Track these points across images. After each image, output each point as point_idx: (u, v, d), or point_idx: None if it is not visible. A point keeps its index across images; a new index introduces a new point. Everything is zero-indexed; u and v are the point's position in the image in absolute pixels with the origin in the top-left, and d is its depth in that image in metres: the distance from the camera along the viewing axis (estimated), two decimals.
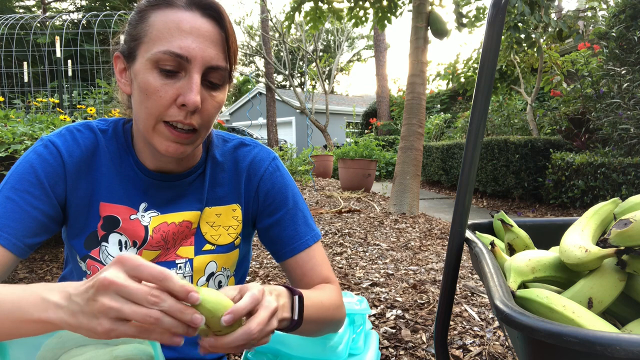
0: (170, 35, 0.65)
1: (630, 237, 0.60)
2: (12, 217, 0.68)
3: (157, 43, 0.66)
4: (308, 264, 0.82)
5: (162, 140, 0.69)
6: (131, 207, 0.77)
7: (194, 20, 0.66)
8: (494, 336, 1.62)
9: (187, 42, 0.65)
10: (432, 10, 4.44)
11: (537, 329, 0.48)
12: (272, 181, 0.85)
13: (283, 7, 23.18)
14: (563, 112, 5.57)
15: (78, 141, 0.76)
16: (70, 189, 0.74)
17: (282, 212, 0.84)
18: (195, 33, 0.66)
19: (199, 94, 0.66)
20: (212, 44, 0.67)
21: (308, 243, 0.83)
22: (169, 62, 0.66)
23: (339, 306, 0.80)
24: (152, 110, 0.67)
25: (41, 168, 0.72)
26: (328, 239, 3.25)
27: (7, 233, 0.67)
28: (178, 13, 0.66)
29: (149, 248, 0.77)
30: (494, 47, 0.80)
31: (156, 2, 0.68)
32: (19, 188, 0.70)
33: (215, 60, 0.67)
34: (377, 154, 7.67)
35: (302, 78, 24.24)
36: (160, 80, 0.66)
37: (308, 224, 0.85)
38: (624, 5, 4.54)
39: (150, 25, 0.67)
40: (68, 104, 4.81)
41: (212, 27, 0.67)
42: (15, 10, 11.54)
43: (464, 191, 0.87)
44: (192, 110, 0.67)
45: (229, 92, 0.76)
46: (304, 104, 11.76)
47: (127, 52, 0.71)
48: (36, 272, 2.40)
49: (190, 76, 0.66)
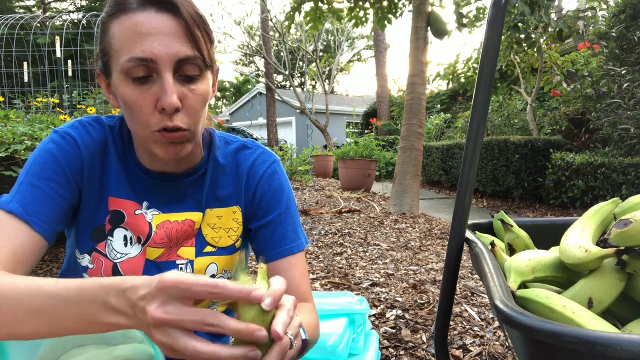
0: (130, 41, 0.64)
1: (630, 237, 0.60)
2: (41, 204, 0.68)
3: (121, 53, 0.65)
4: (288, 272, 0.81)
5: (159, 146, 0.69)
6: (136, 202, 0.78)
7: (149, 20, 0.65)
8: (494, 336, 1.62)
9: (148, 44, 0.63)
10: (432, 11, 4.44)
11: (537, 329, 0.48)
12: (268, 184, 0.85)
13: (283, 7, 23.19)
14: (563, 112, 5.57)
15: (91, 134, 0.76)
16: (86, 181, 0.75)
17: (273, 216, 0.84)
18: (153, 32, 0.64)
19: (174, 93, 0.65)
20: (175, 37, 0.65)
21: (292, 250, 0.83)
22: (137, 70, 0.64)
23: (316, 327, 0.78)
24: (140, 121, 0.67)
25: (62, 157, 0.72)
26: (328, 239, 3.25)
27: (39, 219, 0.67)
28: (133, 17, 0.65)
29: (153, 245, 0.77)
30: (494, 47, 0.80)
31: (112, 11, 0.67)
32: (43, 176, 0.70)
33: (182, 53, 0.65)
34: (377, 154, 7.67)
35: (302, 78, 24.25)
36: (135, 89, 0.65)
37: (296, 231, 0.85)
38: (624, 5, 4.54)
39: (112, 37, 0.66)
40: (68, 104, 4.81)
41: (170, 21, 0.65)
42: (15, 10, 11.54)
43: (464, 191, 0.87)
44: (172, 112, 0.66)
45: (229, 92, 0.76)
46: (304, 104, 11.76)
47: (103, 68, 0.71)
48: (36, 272, 2.40)
49: (162, 77, 0.65)
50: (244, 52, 19.97)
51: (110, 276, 0.75)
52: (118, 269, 0.76)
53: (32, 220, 0.66)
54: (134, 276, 0.51)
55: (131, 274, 0.76)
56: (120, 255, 0.76)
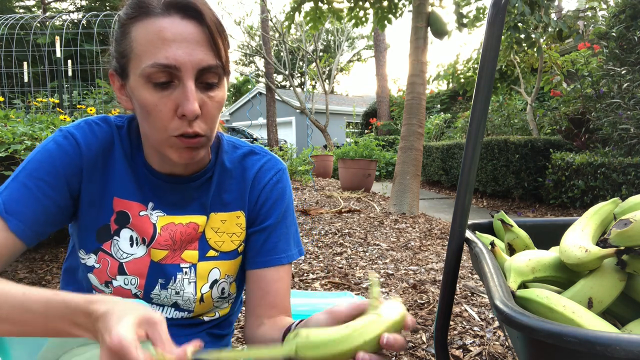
0: (154, 47, 0.64)
1: (630, 237, 0.60)
2: (25, 203, 0.68)
3: (144, 58, 0.65)
4: (275, 283, 0.81)
5: (174, 150, 0.69)
6: (141, 204, 0.78)
7: (174, 26, 0.64)
8: (494, 336, 1.62)
9: (172, 51, 0.63)
10: (432, 11, 4.44)
11: (537, 329, 0.48)
12: (271, 191, 0.85)
13: (283, 7, 23.18)
14: (563, 112, 5.58)
15: (96, 134, 0.76)
16: (86, 182, 0.75)
17: (268, 223, 0.84)
18: (178, 39, 0.64)
19: (195, 100, 0.65)
20: (198, 45, 0.65)
21: (281, 261, 0.83)
22: (159, 75, 0.64)
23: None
24: (157, 125, 0.67)
25: (59, 158, 0.72)
26: (328, 239, 3.25)
27: (17, 219, 0.67)
28: (157, 22, 0.64)
29: (157, 247, 0.77)
30: (494, 47, 0.80)
31: (134, 14, 0.66)
32: (35, 176, 0.70)
33: (205, 61, 0.65)
34: (377, 154, 7.67)
35: (302, 78, 24.25)
36: (156, 94, 0.65)
37: (288, 242, 0.85)
38: (624, 5, 4.54)
39: (134, 40, 0.66)
40: (68, 104, 4.81)
41: (194, 28, 0.65)
42: (15, 10, 11.54)
43: (464, 191, 0.87)
44: (192, 119, 0.66)
45: (229, 92, 0.76)
46: (304, 104, 11.76)
47: (119, 69, 0.70)
48: (36, 272, 2.40)
49: (184, 84, 0.65)
50: (244, 52, 19.98)
51: (115, 275, 0.75)
52: (124, 269, 0.76)
53: (10, 219, 0.67)
54: (96, 299, 0.53)
55: (137, 274, 0.76)
56: (127, 255, 0.76)
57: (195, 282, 0.79)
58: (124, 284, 0.76)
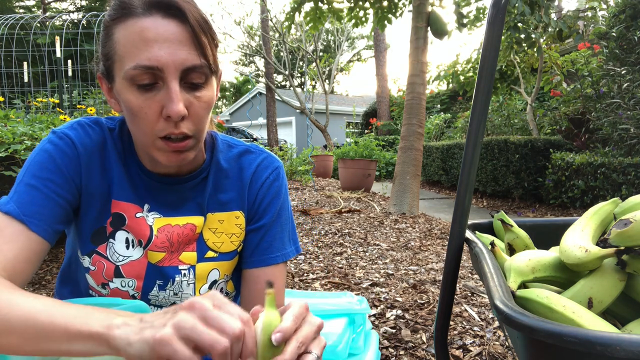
0: (136, 48, 0.63)
1: (630, 237, 0.60)
2: (38, 203, 0.67)
3: (126, 60, 0.64)
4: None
5: (162, 153, 0.68)
6: (137, 205, 0.77)
7: (155, 26, 0.63)
8: (494, 336, 1.62)
9: (154, 51, 0.62)
10: (432, 11, 4.44)
11: (537, 329, 0.48)
12: (269, 189, 0.84)
13: (283, 7, 23.18)
14: (563, 112, 5.58)
15: (90, 135, 0.76)
16: (85, 181, 0.74)
17: (264, 222, 0.83)
18: (160, 39, 0.62)
19: (180, 101, 0.64)
20: (181, 45, 0.64)
21: (276, 260, 0.82)
22: (143, 77, 0.63)
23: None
24: (143, 128, 0.66)
25: (59, 157, 0.72)
26: (328, 239, 3.25)
27: (37, 220, 0.66)
28: (138, 22, 0.63)
29: (154, 249, 0.77)
30: (494, 47, 0.80)
31: (116, 15, 0.65)
32: (40, 176, 0.69)
33: (189, 61, 0.64)
34: (377, 154, 7.67)
35: (302, 78, 24.24)
36: (140, 96, 0.64)
37: (283, 241, 0.84)
38: (624, 5, 4.54)
39: (117, 42, 0.65)
40: (68, 104, 4.81)
41: (177, 27, 0.64)
42: (15, 10, 11.54)
43: (464, 191, 0.87)
44: (178, 120, 0.65)
45: (229, 92, 0.75)
46: (304, 104, 11.76)
47: (105, 72, 0.70)
48: (36, 272, 2.40)
49: (168, 85, 0.64)
50: (244, 52, 19.97)
51: (111, 278, 0.75)
52: (120, 272, 0.75)
53: (30, 221, 0.66)
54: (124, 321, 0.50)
55: (133, 277, 0.76)
56: (123, 257, 0.76)
57: (194, 284, 0.79)
58: (121, 286, 0.76)
